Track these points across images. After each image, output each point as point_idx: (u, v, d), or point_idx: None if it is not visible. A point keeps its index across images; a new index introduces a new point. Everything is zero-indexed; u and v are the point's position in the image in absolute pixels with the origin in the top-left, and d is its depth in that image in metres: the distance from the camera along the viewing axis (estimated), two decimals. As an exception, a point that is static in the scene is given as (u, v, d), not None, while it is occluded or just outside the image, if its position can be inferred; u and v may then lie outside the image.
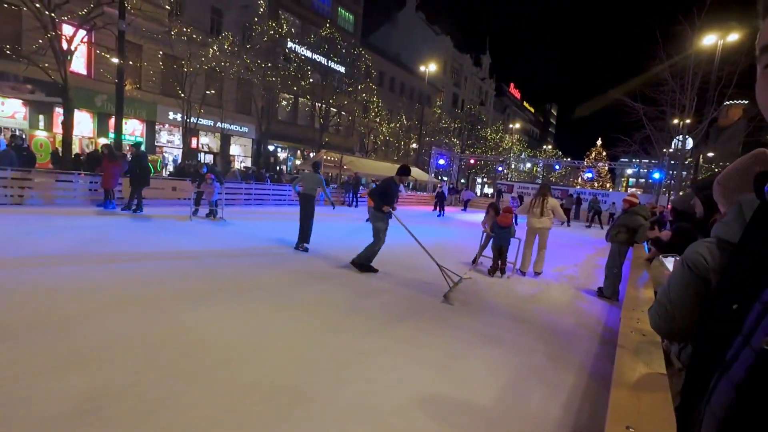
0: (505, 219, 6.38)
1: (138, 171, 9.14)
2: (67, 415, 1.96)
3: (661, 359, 1.54)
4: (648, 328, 1.88)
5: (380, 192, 5.64)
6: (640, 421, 1.08)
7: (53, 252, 5.01)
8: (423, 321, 3.87)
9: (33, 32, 12.65)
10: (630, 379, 1.31)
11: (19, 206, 8.68)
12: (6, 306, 3.21)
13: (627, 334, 1.71)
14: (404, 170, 5.80)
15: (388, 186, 5.60)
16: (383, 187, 5.66)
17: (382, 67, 32.41)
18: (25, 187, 9.23)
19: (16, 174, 8.98)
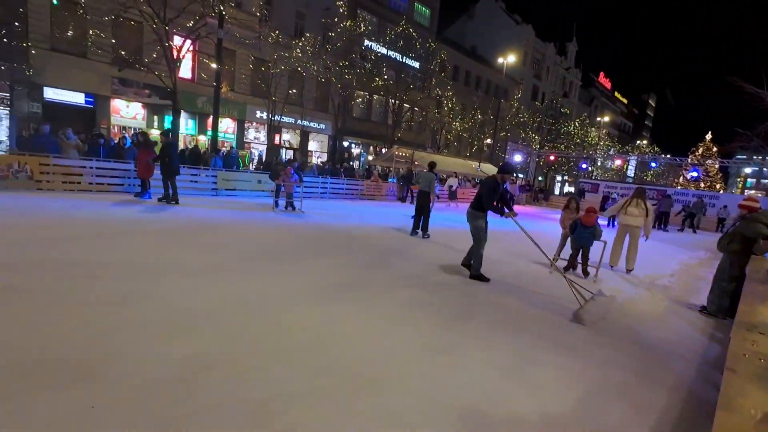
0: (588, 219, 5.95)
1: (167, 160, 8.81)
2: (172, 376, 2.29)
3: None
4: (766, 351, 1.62)
5: (485, 193, 5.14)
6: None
7: (158, 231, 5.82)
8: (491, 321, 3.76)
9: (151, 44, 14.67)
10: (740, 406, 1.15)
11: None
12: (127, 279, 3.82)
13: (739, 356, 1.49)
14: (505, 168, 5.37)
15: (490, 185, 5.15)
16: (486, 187, 5.18)
17: (457, 60, 31.68)
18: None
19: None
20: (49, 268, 3.85)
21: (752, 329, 1.94)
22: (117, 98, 16.62)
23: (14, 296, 3.12)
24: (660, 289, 5.89)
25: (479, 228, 5.19)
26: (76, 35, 15.15)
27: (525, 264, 6.57)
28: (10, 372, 2.15)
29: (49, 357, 2.33)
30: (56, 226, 5.69)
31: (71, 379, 2.15)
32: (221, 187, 11.97)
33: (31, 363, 2.25)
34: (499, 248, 7.42)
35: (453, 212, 13.75)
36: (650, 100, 76.76)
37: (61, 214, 6.62)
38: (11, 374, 2.13)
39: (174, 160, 8.93)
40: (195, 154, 13.86)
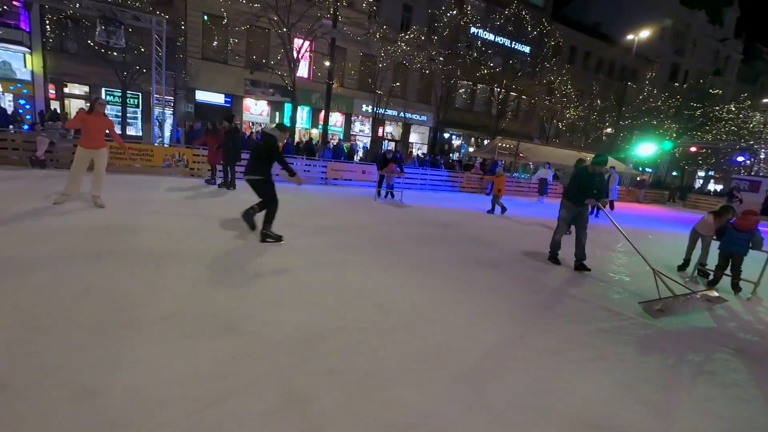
0: (745, 222, 4.90)
1: (230, 146, 8.75)
2: (293, 340, 2.62)
3: None
4: None
5: (569, 183, 5.51)
6: None
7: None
8: (602, 329, 3.39)
9: (275, 48, 16.47)
10: None
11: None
12: (258, 256, 4.45)
13: None
14: (599, 159, 5.31)
15: (577, 175, 5.37)
16: (572, 177, 5.50)
17: (576, 41, 28.55)
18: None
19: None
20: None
21: None
22: (248, 97, 19.14)
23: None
24: None
25: (561, 218, 5.50)
26: (219, 44, 17.82)
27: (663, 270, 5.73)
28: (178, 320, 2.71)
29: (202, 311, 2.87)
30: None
31: (221, 330, 2.62)
32: (330, 176, 12.96)
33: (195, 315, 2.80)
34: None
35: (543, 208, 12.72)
36: None
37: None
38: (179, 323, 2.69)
39: (237, 147, 8.84)
40: (309, 147, 15.24)
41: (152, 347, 2.36)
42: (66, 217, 5.09)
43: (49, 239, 4.07)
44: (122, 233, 4.60)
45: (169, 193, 7.85)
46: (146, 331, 2.52)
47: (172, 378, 2.09)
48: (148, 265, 3.64)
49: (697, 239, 5.74)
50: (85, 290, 2.99)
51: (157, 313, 2.76)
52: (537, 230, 8.24)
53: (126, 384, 1.99)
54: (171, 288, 3.22)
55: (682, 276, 5.64)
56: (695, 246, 5.78)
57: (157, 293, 3.09)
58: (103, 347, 2.28)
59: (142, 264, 3.66)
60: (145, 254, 3.94)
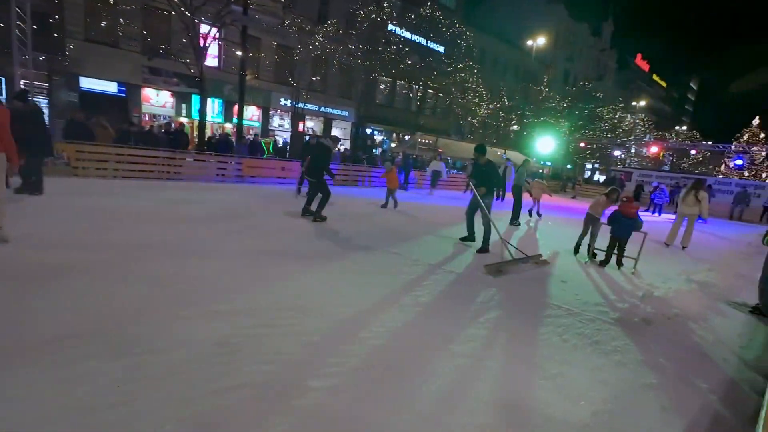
0: (629, 209, 5.76)
1: (30, 134, 5.93)
2: (199, 356, 2.35)
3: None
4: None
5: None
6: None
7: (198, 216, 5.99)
8: (512, 312, 3.66)
9: (178, 33, 14.91)
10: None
11: (167, 181, 10.52)
12: (177, 243, 3.95)
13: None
14: (476, 148, 6.09)
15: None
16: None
17: (485, 43, 30.68)
18: (174, 165, 11.07)
19: (164, 153, 10.83)
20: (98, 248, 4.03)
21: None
22: (147, 87, 17.10)
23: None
24: (697, 285, 5.58)
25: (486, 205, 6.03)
26: (108, 25, 15.60)
27: (558, 254, 6.38)
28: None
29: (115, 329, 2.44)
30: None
31: (115, 352, 2.24)
32: (246, 174, 12.19)
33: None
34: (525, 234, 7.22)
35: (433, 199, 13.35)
36: (692, 83, 72.25)
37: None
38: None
39: (40, 135, 6.60)
40: (226, 142, 14.15)
41: (34, 377, 1.93)
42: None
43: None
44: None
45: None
46: (27, 357, 2.06)
47: (53, 413, 1.72)
48: (26, 282, 3.00)
49: (590, 224, 6.50)
50: None
51: (41, 337, 2.28)
52: (424, 219, 8.64)
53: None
54: (57, 306, 2.69)
55: (578, 259, 6.37)
56: (588, 231, 6.54)
57: (38, 313, 2.55)
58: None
59: (18, 280, 3.01)
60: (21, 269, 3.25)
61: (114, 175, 9.75)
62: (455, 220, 8.39)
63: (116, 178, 9.70)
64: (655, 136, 41.37)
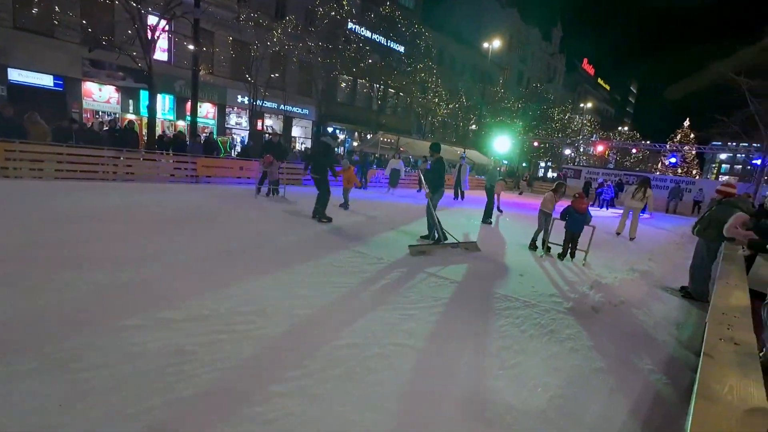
0: (580, 205, 6.18)
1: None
2: (152, 367, 2.21)
3: (758, 372, 1.34)
4: (741, 337, 1.64)
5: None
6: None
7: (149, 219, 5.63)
8: (472, 307, 3.77)
9: (123, 23, 13.96)
10: (717, 394, 1.16)
11: (113, 182, 9.82)
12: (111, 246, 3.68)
13: (715, 342, 1.51)
14: (431, 146, 6.51)
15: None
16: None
17: (443, 44, 31.33)
18: (118, 165, 10.37)
19: (110, 153, 10.11)
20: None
21: (728, 313, 1.97)
22: (88, 81, 15.88)
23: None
24: (639, 274, 6.03)
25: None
26: (41, 12, 14.30)
27: (515, 249, 6.64)
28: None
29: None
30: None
31: (56, 366, 2.05)
32: (202, 174, 11.65)
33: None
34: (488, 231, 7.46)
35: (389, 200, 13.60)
36: (632, 87, 77.87)
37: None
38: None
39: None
40: (180, 141, 13.42)
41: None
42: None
43: None
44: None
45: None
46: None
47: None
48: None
49: (544, 219, 6.83)
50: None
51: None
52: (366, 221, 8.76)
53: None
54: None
55: (533, 254, 6.66)
56: (543, 227, 6.86)
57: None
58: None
59: None
60: None
61: (55, 176, 8.97)
62: (415, 217, 8.51)
63: (57, 179, 8.93)
64: (600, 135, 44.25)
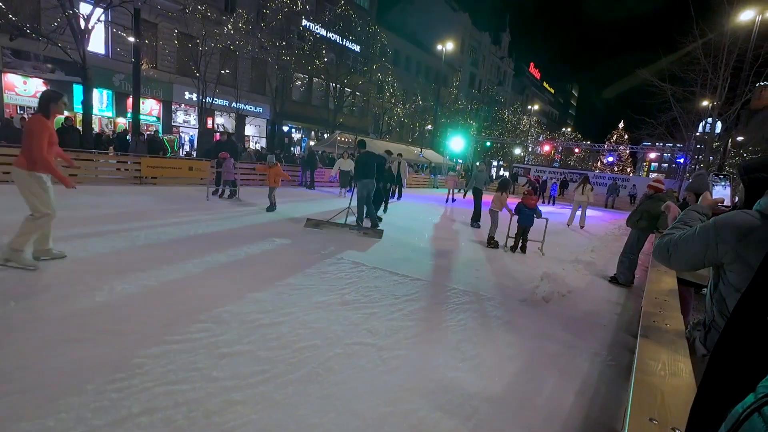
0: (530, 201, 6.65)
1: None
2: (92, 385, 2.04)
3: (685, 348, 1.49)
4: (671, 317, 1.82)
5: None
6: (664, 413, 1.05)
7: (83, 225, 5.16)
8: (432, 302, 3.87)
9: (51, 11, 12.73)
10: (652, 370, 1.28)
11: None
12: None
13: (649, 324, 1.66)
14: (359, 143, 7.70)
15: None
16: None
17: (398, 45, 31.70)
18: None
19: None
20: None
21: (660, 296, 2.18)
22: (10, 72, 14.33)
23: None
24: (584, 265, 6.48)
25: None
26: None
27: (472, 245, 6.87)
28: None
29: None
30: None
31: None
32: (146, 174, 10.91)
33: None
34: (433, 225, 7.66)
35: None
36: (573, 90, 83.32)
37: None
38: None
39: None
40: (122, 140, 12.48)
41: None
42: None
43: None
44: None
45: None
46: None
47: None
48: None
49: (492, 217, 7.16)
50: None
51: None
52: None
53: None
54: None
55: (489, 250, 6.93)
56: (495, 223, 7.19)
57: None
58: None
59: None
60: None
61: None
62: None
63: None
64: (546, 136, 46.99)
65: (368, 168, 7.13)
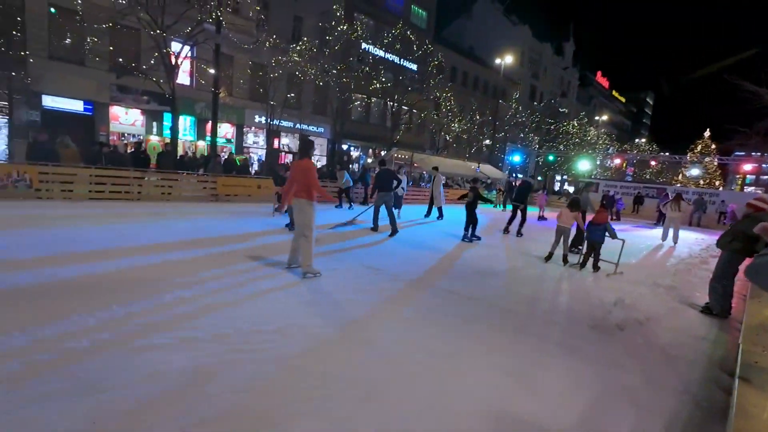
0: (599, 218, 6.31)
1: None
2: (173, 388, 2.26)
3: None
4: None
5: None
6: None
7: (165, 240, 5.79)
8: (496, 325, 3.73)
9: (149, 51, 14.67)
10: (755, 418, 1.13)
11: (138, 201, 10.16)
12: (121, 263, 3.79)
13: (749, 364, 1.46)
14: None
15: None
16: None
17: (455, 62, 31.75)
18: (142, 185, 10.73)
19: (135, 173, 10.49)
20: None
21: (761, 333, 1.91)
22: (116, 105, 16.62)
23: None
24: (664, 289, 5.86)
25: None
26: (73, 43, 15.17)
27: (526, 260, 6.55)
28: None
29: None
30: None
31: (82, 388, 2.12)
32: (222, 192, 11.95)
33: (31, 377, 2.22)
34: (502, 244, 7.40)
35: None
36: (648, 98, 76.91)
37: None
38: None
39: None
40: (207, 162, 13.84)
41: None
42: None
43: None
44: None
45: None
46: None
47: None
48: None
49: (561, 234, 6.80)
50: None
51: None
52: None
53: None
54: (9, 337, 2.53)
55: (554, 267, 6.55)
56: (560, 240, 6.83)
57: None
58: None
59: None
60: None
61: (86, 197, 9.31)
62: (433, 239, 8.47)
63: (88, 200, 9.28)
64: (617, 148, 43.59)
65: (386, 182, 8.07)
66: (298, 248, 4.75)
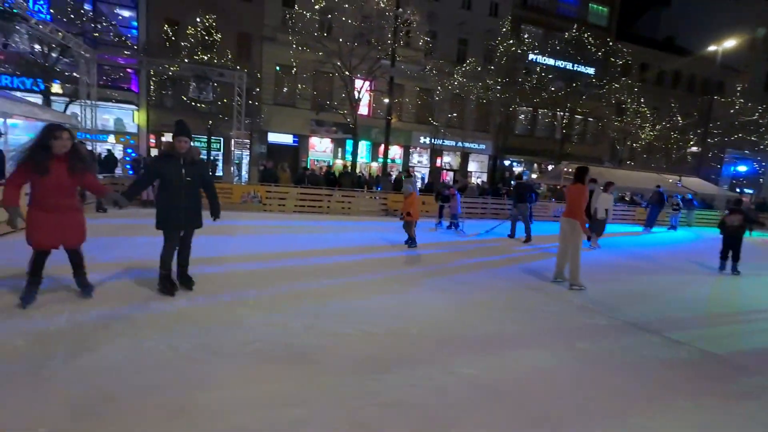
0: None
1: None
2: (359, 371, 2.65)
3: None
4: None
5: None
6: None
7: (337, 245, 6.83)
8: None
9: (338, 89, 17.68)
10: None
11: (327, 214, 12.23)
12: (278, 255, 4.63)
13: None
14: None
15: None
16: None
17: (646, 58, 26.89)
18: (330, 201, 12.84)
19: (326, 191, 12.66)
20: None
21: None
22: (313, 136, 20.57)
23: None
24: None
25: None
26: (289, 91, 19.60)
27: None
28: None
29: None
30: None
31: (294, 357, 2.75)
32: (391, 207, 13.20)
33: (266, 343, 2.99)
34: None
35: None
36: None
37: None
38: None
39: None
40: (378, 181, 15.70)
41: (229, 371, 2.55)
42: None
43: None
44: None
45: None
46: (229, 357, 2.74)
47: (251, 403, 2.23)
48: (225, 296, 3.99)
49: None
50: (177, 320, 3.35)
51: (238, 341, 3.00)
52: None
53: (213, 406, 2.17)
54: (249, 318, 3.48)
55: None
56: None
57: (237, 322, 3.36)
58: (193, 371, 2.52)
59: (221, 295, 4.03)
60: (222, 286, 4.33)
61: (293, 210, 11.81)
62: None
63: (294, 212, 11.74)
64: None
65: (523, 194, 9.27)
66: (565, 263, 5.32)
